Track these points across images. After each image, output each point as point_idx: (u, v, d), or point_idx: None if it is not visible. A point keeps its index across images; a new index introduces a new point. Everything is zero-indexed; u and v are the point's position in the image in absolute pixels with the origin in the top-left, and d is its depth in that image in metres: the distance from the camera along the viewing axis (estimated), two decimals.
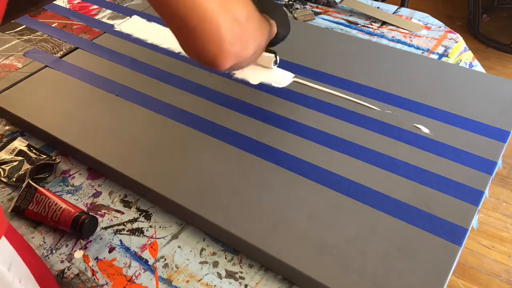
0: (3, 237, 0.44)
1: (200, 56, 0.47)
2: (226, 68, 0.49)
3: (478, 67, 0.89)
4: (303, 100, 0.73)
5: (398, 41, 0.90)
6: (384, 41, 0.90)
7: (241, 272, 0.56)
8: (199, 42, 0.45)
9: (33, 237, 0.61)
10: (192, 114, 0.72)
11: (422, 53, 0.86)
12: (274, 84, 0.76)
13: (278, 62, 0.78)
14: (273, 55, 0.77)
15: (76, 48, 0.90)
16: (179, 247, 0.59)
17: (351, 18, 0.97)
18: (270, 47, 0.72)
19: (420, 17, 0.96)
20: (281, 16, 0.69)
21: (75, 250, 0.59)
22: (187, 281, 0.55)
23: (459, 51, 0.87)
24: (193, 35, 0.45)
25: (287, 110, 0.72)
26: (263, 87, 0.76)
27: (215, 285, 0.54)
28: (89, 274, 0.57)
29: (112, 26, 0.96)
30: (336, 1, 1.02)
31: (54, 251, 0.59)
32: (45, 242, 0.60)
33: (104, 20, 0.99)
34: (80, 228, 0.58)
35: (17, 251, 0.45)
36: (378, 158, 0.63)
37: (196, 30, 0.44)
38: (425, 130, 0.66)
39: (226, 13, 0.45)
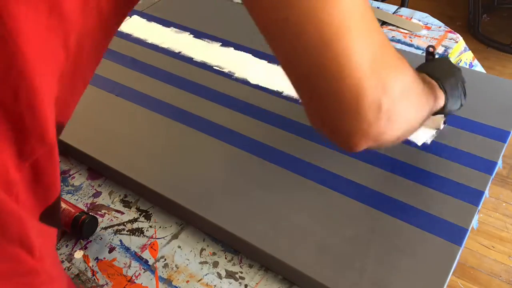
0: None
1: (329, 133, 0.37)
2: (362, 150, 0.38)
3: (478, 67, 0.89)
4: None
5: (398, 41, 0.90)
6: None
7: (241, 272, 0.56)
8: (333, 114, 0.35)
9: None
10: (192, 114, 0.72)
11: (422, 53, 0.86)
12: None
13: (446, 122, 0.66)
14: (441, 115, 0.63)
15: None
16: (179, 247, 0.59)
17: None
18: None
19: (420, 17, 0.96)
20: (454, 82, 0.56)
21: (75, 250, 0.59)
22: (187, 281, 0.55)
23: (459, 51, 0.87)
24: (322, 104, 0.35)
25: (287, 110, 0.72)
26: (263, 88, 0.76)
27: (215, 285, 0.54)
28: (89, 274, 0.57)
29: None
30: None
31: None
32: None
33: None
34: (80, 228, 0.58)
35: None
36: (377, 158, 0.63)
37: (329, 100, 0.34)
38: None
39: (375, 80, 0.33)
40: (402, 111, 0.37)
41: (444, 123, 0.66)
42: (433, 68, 0.55)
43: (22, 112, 0.30)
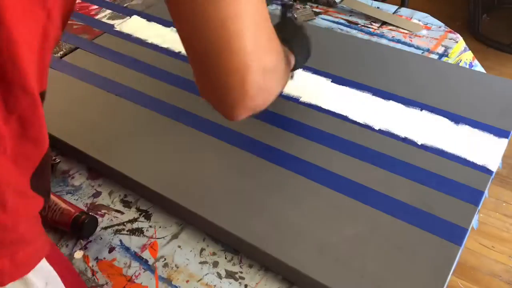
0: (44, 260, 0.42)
1: (215, 103, 0.43)
2: (243, 118, 0.44)
3: (478, 67, 0.89)
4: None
5: (398, 41, 0.90)
6: (384, 41, 0.90)
7: (241, 272, 0.56)
8: (219, 90, 0.41)
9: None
10: (193, 114, 0.72)
11: (422, 53, 0.86)
12: None
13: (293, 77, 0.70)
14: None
15: (76, 48, 0.90)
16: (179, 247, 0.59)
17: (351, 18, 0.97)
18: None
19: (420, 17, 0.96)
20: (301, 43, 0.65)
21: (75, 250, 0.59)
22: (187, 281, 0.55)
23: (459, 51, 0.87)
24: (214, 79, 0.40)
25: (287, 110, 0.72)
26: None
27: (215, 285, 0.54)
28: (89, 274, 0.57)
29: (112, 26, 0.96)
30: (336, 1, 1.02)
31: None
32: None
33: (104, 20, 0.99)
34: (80, 228, 0.58)
35: (57, 271, 0.43)
36: (378, 158, 0.63)
37: (220, 76, 0.39)
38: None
39: (257, 63, 0.39)
40: (273, 86, 0.45)
41: (292, 77, 0.68)
42: (285, 33, 0.60)
43: (3, 63, 0.32)
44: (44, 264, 0.42)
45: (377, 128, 0.68)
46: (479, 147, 0.64)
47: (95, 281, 0.56)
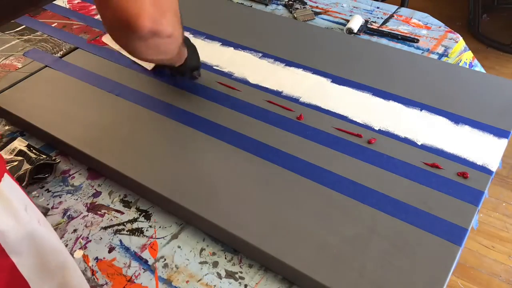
0: (14, 183, 0.43)
1: (118, 17, 0.46)
2: (146, 36, 0.47)
3: (478, 67, 0.89)
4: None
5: (398, 41, 0.90)
6: (384, 41, 0.90)
7: (241, 272, 0.56)
8: (120, 1, 0.45)
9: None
10: (192, 114, 0.72)
11: (422, 53, 0.86)
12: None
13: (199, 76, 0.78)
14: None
15: (76, 48, 0.90)
16: (179, 247, 0.59)
17: (351, 18, 0.97)
18: (177, 74, 0.76)
19: (420, 17, 0.96)
20: (192, 49, 0.73)
21: (75, 250, 0.59)
22: (187, 281, 0.55)
23: (459, 51, 0.87)
24: None
25: (287, 110, 0.72)
26: (263, 87, 0.76)
27: (215, 285, 0.54)
28: (89, 274, 0.57)
29: None
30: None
31: None
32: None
33: None
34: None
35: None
36: (378, 158, 0.63)
37: None
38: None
39: None
40: (168, 3, 0.49)
41: (197, 76, 0.77)
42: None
43: None
44: (20, 191, 0.43)
45: (377, 128, 0.68)
46: (479, 147, 0.64)
47: (95, 281, 0.56)
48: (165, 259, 0.57)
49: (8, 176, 0.42)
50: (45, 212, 0.64)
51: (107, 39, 0.90)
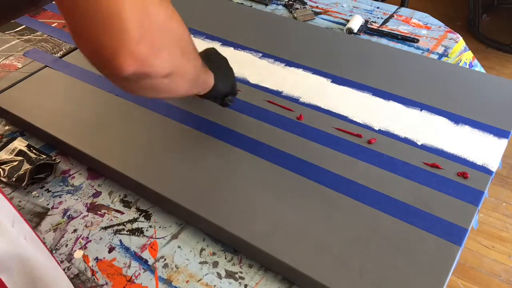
0: (3, 198, 0.42)
1: (94, 52, 0.37)
2: (130, 78, 0.38)
3: (478, 67, 0.89)
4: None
5: (398, 41, 0.90)
6: (384, 41, 0.90)
7: (241, 272, 0.56)
8: (95, 31, 0.34)
9: (27, 222, 0.61)
10: (193, 114, 0.72)
11: (422, 53, 0.86)
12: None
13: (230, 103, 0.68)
14: None
15: (76, 48, 0.90)
16: (179, 247, 0.59)
17: (351, 18, 0.97)
18: (207, 98, 0.65)
19: (420, 17, 0.96)
20: (223, 74, 0.63)
21: (75, 250, 0.59)
22: (187, 281, 0.55)
23: (459, 51, 0.87)
24: (85, 18, 0.34)
25: (287, 110, 0.72)
26: (263, 87, 0.76)
27: (215, 285, 0.54)
28: (89, 274, 0.57)
29: None
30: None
31: (54, 251, 0.59)
32: (45, 243, 0.60)
33: None
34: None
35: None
36: (378, 158, 0.63)
37: (90, 12, 0.34)
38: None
39: (135, 5, 0.34)
40: (167, 40, 0.38)
41: (230, 103, 0.67)
42: (207, 60, 0.58)
43: None
44: (7, 204, 0.42)
45: (377, 128, 0.68)
46: (479, 147, 0.64)
47: (95, 281, 0.56)
48: (165, 259, 0.57)
49: None
50: (45, 212, 0.64)
51: None
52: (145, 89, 0.42)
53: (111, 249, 0.59)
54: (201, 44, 0.86)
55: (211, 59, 0.63)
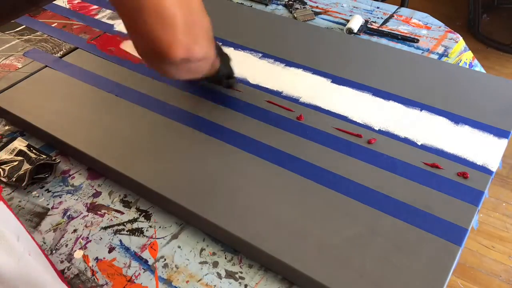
0: (7, 209, 0.42)
1: (150, 43, 0.44)
2: (178, 63, 0.46)
3: (478, 67, 0.89)
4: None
5: (398, 41, 0.90)
6: (384, 41, 0.90)
7: (241, 272, 0.56)
8: (151, 28, 0.43)
9: (32, 237, 0.61)
10: (192, 114, 0.72)
11: (422, 53, 0.86)
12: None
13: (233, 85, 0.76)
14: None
15: (76, 48, 0.90)
16: (179, 247, 0.59)
17: (351, 18, 0.97)
18: (213, 82, 0.74)
19: (420, 17, 0.96)
20: (223, 57, 0.71)
21: (75, 250, 0.59)
22: (187, 281, 0.55)
23: (459, 51, 0.87)
24: (145, 19, 0.42)
25: (287, 110, 0.72)
26: (263, 88, 0.76)
27: (215, 285, 0.54)
28: (89, 274, 0.57)
29: (112, 26, 0.96)
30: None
31: (54, 251, 0.59)
32: (45, 243, 0.60)
33: (104, 20, 0.99)
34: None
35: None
36: (378, 158, 0.63)
37: (149, 13, 0.42)
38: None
39: (182, 2, 0.44)
40: (202, 27, 0.48)
41: (234, 84, 0.75)
42: None
43: None
44: (12, 217, 0.42)
45: (377, 128, 0.68)
46: (479, 147, 0.64)
47: (95, 281, 0.56)
48: (165, 259, 0.57)
49: (1, 203, 0.42)
50: (45, 212, 0.64)
51: (126, 46, 0.90)
52: (183, 70, 0.50)
53: (111, 249, 0.59)
54: None
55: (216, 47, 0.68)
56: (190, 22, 0.45)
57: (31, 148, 0.71)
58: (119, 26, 0.95)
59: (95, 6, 1.05)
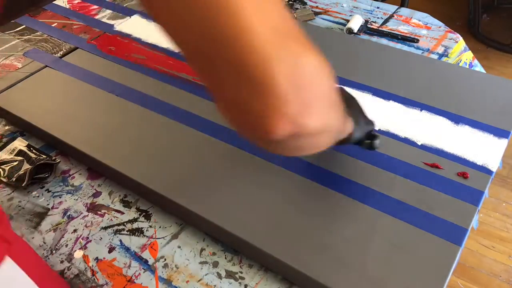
0: (16, 267, 0.41)
1: (243, 115, 0.31)
2: (281, 140, 0.32)
3: (478, 67, 0.89)
4: None
5: (398, 41, 0.90)
6: (384, 41, 0.90)
7: (241, 272, 0.56)
8: (241, 95, 0.29)
9: (33, 237, 0.61)
10: (193, 114, 0.72)
11: (422, 53, 0.86)
12: None
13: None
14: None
15: (76, 48, 0.90)
16: (179, 247, 0.59)
17: (351, 18, 0.97)
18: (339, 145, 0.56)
19: (420, 17, 0.96)
20: (358, 117, 0.54)
21: (75, 250, 0.59)
22: (187, 281, 0.55)
23: (459, 51, 0.87)
24: (228, 84, 0.30)
25: None
26: None
27: (215, 285, 0.54)
28: (89, 274, 0.57)
29: (112, 26, 0.96)
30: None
31: (54, 251, 0.59)
32: (45, 243, 0.60)
33: (104, 20, 0.99)
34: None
35: (22, 267, 0.42)
36: (378, 158, 0.63)
37: (237, 77, 0.29)
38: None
39: (284, 50, 0.29)
40: (315, 92, 0.32)
41: (377, 146, 0.58)
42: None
43: None
44: (27, 280, 0.41)
45: (377, 128, 0.68)
46: (479, 147, 0.64)
47: (95, 281, 0.56)
48: (165, 259, 0.57)
49: (10, 260, 0.40)
50: (45, 212, 0.64)
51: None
52: (290, 148, 0.36)
53: (111, 249, 0.59)
54: None
55: (345, 101, 0.48)
56: (298, 83, 0.30)
57: (31, 148, 0.71)
58: (119, 26, 0.95)
59: (95, 6, 1.05)
